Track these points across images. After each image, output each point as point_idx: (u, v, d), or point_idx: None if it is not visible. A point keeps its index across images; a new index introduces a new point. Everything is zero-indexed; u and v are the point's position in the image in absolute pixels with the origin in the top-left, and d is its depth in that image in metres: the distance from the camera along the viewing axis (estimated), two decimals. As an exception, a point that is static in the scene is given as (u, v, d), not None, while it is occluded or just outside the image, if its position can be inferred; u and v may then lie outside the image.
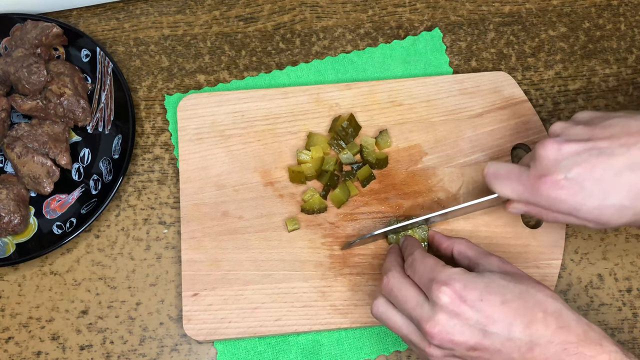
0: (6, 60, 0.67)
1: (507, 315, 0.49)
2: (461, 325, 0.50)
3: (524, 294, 0.51)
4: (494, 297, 0.50)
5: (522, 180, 0.54)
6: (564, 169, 0.51)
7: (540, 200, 0.53)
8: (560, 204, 0.52)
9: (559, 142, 0.52)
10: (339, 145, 0.66)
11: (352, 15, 0.75)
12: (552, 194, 0.52)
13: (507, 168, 0.56)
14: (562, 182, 0.51)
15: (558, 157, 0.51)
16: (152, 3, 0.75)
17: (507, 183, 0.55)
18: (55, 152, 0.66)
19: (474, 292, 0.50)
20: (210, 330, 0.62)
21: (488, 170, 0.57)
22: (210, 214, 0.65)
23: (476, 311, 0.50)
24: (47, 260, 0.66)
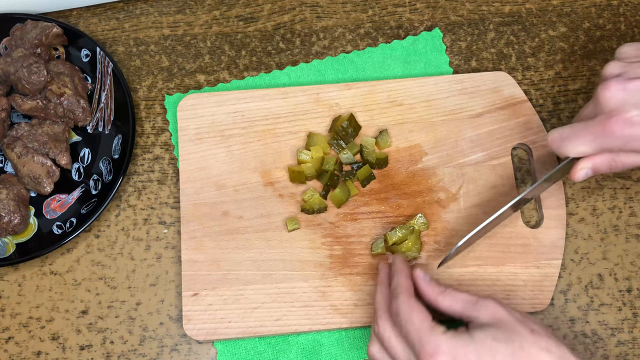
0: (6, 60, 0.67)
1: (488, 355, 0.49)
2: None
3: (517, 351, 0.49)
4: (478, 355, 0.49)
5: (590, 129, 0.54)
6: (634, 106, 0.51)
7: (613, 142, 0.53)
8: (634, 141, 0.52)
9: (622, 81, 0.52)
10: (339, 145, 0.66)
11: (352, 15, 0.75)
12: (625, 132, 0.52)
13: (570, 127, 0.55)
14: (634, 119, 0.51)
15: (625, 96, 0.52)
16: (152, 3, 0.75)
17: (577, 139, 0.54)
18: (55, 152, 0.66)
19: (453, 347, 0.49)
20: (210, 330, 0.62)
21: (552, 137, 0.56)
22: (210, 214, 0.65)
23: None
24: (47, 260, 0.66)
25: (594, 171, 0.56)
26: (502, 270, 0.64)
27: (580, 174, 0.56)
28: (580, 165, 0.56)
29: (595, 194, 0.68)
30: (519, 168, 0.69)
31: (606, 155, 0.54)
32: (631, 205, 0.68)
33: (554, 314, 0.65)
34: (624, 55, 0.55)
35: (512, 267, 0.64)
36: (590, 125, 0.54)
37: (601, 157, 0.55)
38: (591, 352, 0.64)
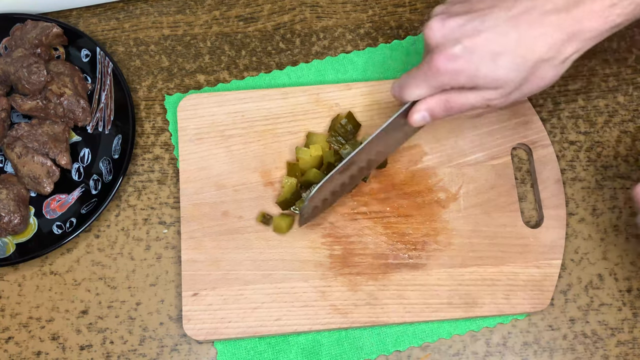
0: (6, 60, 0.67)
1: None
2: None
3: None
4: None
5: (421, 71, 0.55)
6: (455, 41, 0.53)
7: (442, 79, 0.54)
8: (459, 75, 0.53)
9: (443, 19, 0.54)
10: (337, 141, 0.66)
11: (352, 15, 0.75)
12: (449, 67, 0.53)
13: (407, 73, 0.58)
14: (455, 52, 0.53)
15: (445, 33, 0.53)
16: (152, 3, 0.75)
17: (412, 83, 0.56)
18: (55, 152, 0.66)
19: None
20: (210, 330, 0.62)
21: (393, 87, 0.59)
22: (210, 214, 0.65)
23: None
24: (47, 260, 0.66)
25: (431, 114, 0.57)
26: (502, 270, 0.64)
27: (417, 117, 0.58)
28: (415, 107, 0.57)
29: (595, 194, 0.68)
30: (519, 168, 0.69)
31: (439, 96, 0.56)
32: (631, 205, 0.68)
33: (554, 314, 0.65)
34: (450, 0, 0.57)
35: (512, 267, 0.64)
36: (421, 66, 0.56)
37: (434, 98, 0.56)
38: (591, 352, 0.64)
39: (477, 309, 0.63)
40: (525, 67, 0.53)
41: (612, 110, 0.71)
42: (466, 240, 0.65)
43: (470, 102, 0.55)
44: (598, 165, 0.69)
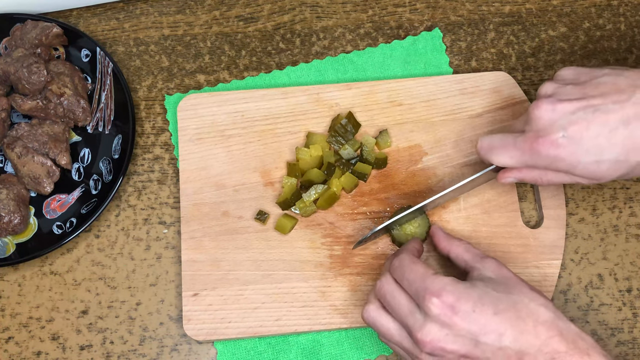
0: (6, 60, 0.67)
1: (498, 326, 0.50)
2: (453, 335, 0.50)
3: (517, 304, 0.51)
4: (486, 309, 0.50)
5: (518, 145, 0.55)
6: (561, 128, 0.52)
7: (539, 161, 0.54)
8: (559, 162, 0.53)
9: (553, 102, 0.53)
10: (337, 141, 0.66)
11: (352, 15, 0.75)
12: (550, 153, 0.53)
13: (500, 137, 0.57)
14: (559, 141, 0.52)
15: (553, 117, 0.52)
16: (152, 3, 0.75)
17: (504, 151, 0.56)
18: (55, 152, 0.66)
19: (467, 304, 0.50)
20: (210, 330, 0.62)
21: (482, 144, 0.58)
22: (210, 214, 0.65)
23: (468, 322, 0.50)
24: (47, 260, 0.66)
25: (519, 180, 0.58)
26: (502, 270, 0.64)
27: (507, 180, 0.58)
28: (508, 174, 0.57)
29: (595, 194, 0.68)
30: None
31: (534, 171, 0.56)
32: (631, 205, 0.68)
33: (554, 314, 0.65)
34: (561, 77, 0.56)
35: (512, 267, 0.64)
36: (519, 141, 0.55)
37: (529, 171, 0.56)
38: (591, 352, 0.64)
39: (477, 309, 0.63)
40: (627, 166, 0.52)
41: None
42: (466, 240, 0.65)
43: (563, 182, 0.55)
44: (598, 165, 0.69)
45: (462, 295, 0.51)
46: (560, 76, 0.56)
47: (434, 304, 0.50)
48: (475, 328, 0.50)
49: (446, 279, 0.52)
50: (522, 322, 0.50)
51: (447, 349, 0.50)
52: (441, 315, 0.50)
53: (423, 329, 0.51)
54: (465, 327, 0.50)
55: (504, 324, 0.50)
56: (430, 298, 0.51)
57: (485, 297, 0.51)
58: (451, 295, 0.50)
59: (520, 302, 0.51)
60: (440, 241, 0.60)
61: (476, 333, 0.50)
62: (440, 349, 0.50)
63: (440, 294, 0.51)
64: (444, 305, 0.50)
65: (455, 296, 0.50)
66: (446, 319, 0.50)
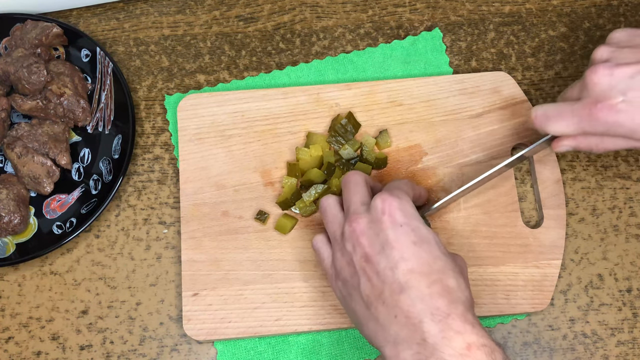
0: (6, 60, 0.67)
1: (407, 251, 0.50)
2: (373, 231, 0.51)
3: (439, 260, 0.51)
4: (412, 234, 0.51)
5: (576, 112, 0.54)
6: (620, 93, 0.51)
7: (597, 127, 0.53)
8: (618, 127, 0.52)
9: (610, 66, 0.52)
10: (337, 142, 0.66)
11: (352, 15, 0.75)
12: (609, 119, 0.52)
13: (555, 106, 0.56)
14: (619, 106, 0.52)
15: (612, 82, 0.52)
16: (152, 3, 0.75)
17: (561, 119, 0.55)
18: (55, 152, 0.66)
19: (403, 218, 0.51)
20: (210, 330, 0.62)
21: (536, 113, 0.57)
22: (210, 214, 0.65)
23: (390, 229, 0.51)
24: (47, 260, 0.66)
25: (575, 148, 0.57)
26: (502, 270, 0.64)
27: (562, 149, 0.58)
28: (563, 142, 0.57)
29: (595, 194, 0.68)
30: (519, 168, 0.69)
31: (590, 138, 0.55)
32: (631, 205, 0.68)
33: (554, 314, 0.65)
34: (615, 40, 0.55)
35: (512, 267, 0.64)
36: (576, 108, 0.54)
37: (585, 139, 0.56)
38: (591, 352, 0.64)
39: (477, 309, 0.62)
40: None
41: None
42: (466, 241, 0.65)
43: (619, 147, 0.55)
44: (598, 165, 0.69)
45: (406, 210, 0.52)
46: (615, 39, 0.55)
47: (381, 196, 0.52)
48: (391, 237, 0.50)
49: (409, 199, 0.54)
50: (427, 268, 0.49)
51: (360, 239, 0.52)
52: (377, 208, 0.52)
53: (359, 214, 0.53)
54: (385, 231, 0.51)
55: (413, 254, 0.50)
56: (383, 193, 0.53)
57: (421, 231, 0.52)
58: (397, 202, 0.52)
59: (443, 261, 0.51)
60: None
61: (388, 241, 0.50)
62: (356, 235, 0.52)
63: (392, 195, 0.52)
64: (386, 202, 0.52)
65: (400, 205, 0.52)
66: (379, 213, 0.51)
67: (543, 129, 0.57)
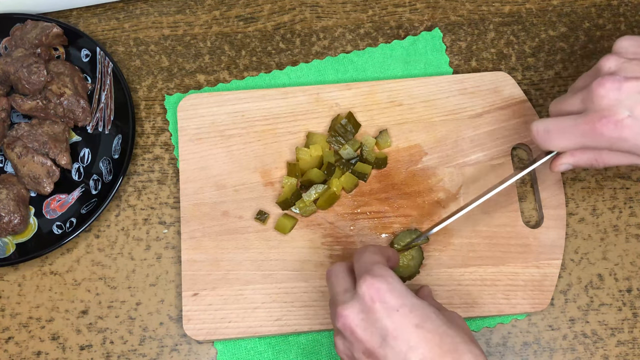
0: (6, 60, 0.67)
1: (412, 338, 0.47)
2: (367, 322, 0.48)
3: (446, 335, 0.47)
4: (411, 317, 0.47)
5: (578, 127, 0.52)
6: (627, 108, 0.49)
7: (600, 142, 0.51)
8: (622, 143, 0.51)
9: (619, 80, 0.50)
10: (337, 141, 0.66)
11: (352, 15, 0.75)
12: (614, 134, 0.50)
13: (557, 121, 0.54)
14: (625, 121, 0.49)
15: (619, 97, 0.50)
16: (152, 3, 0.75)
17: (562, 135, 0.53)
18: (55, 152, 0.66)
19: (396, 300, 0.48)
20: (210, 330, 0.62)
21: (537, 129, 0.54)
22: (210, 214, 0.65)
23: (386, 317, 0.47)
24: (47, 260, 0.66)
25: (575, 165, 0.56)
26: (502, 270, 0.64)
27: (561, 168, 0.56)
28: (562, 160, 0.55)
29: (595, 194, 0.68)
30: (519, 168, 0.69)
31: (589, 153, 0.54)
32: (631, 205, 0.68)
33: (554, 314, 0.65)
34: (622, 49, 0.53)
35: (512, 267, 0.64)
36: (580, 122, 0.52)
37: (584, 154, 0.54)
38: (591, 352, 0.64)
39: (477, 309, 0.63)
40: None
41: None
42: (466, 240, 0.65)
43: (620, 163, 0.53)
44: (598, 165, 0.69)
45: (396, 291, 0.48)
46: (622, 48, 0.53)
47: (366, 282, 0.48)
48: (390, 326, 0.47)
49: (393, 273, 0.49)
50: (439, 351, 0.46)
51: (356, 334, 0.48)
52: (365, 296, 0.48)
53: (346, 305, 0.49)
54: (381, 320, 0.47)
55: (420, 340, 0.46)
56: (365, 277, 0.48)
57: (418, 309, 0.48)
58: (385, 284, 0.48)
59: (450, 336, 0.47)
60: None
61: (388, 332, 0.47)
62: (350, 330, 0.48)
63: (375, 277, 0.48)
64: (373, 288, 0.48)
65: (389, 287, 0.48)
66: (368, 301, 0.48)
67: (544, 145, 0.55)
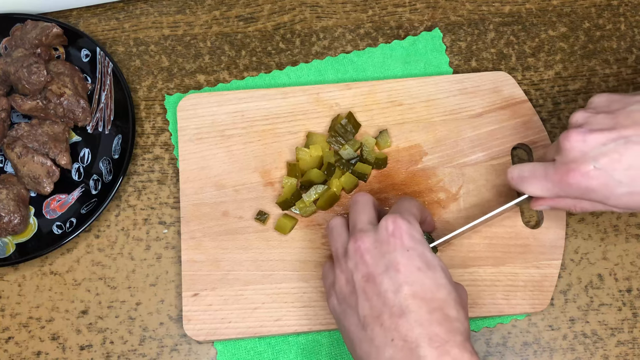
0: (6, 60, 0.67)
1: (409, 276, 0.50)
2: (378, 251, 0.51)
3: (445, 286, 0.50)
4: (417, 260, 0.51)
5: (549, 176, 0.54)
6: (592, 160, 0.51)
7: (571, 192, 0.53)
8: (591, 193, 0.52)
9: (584, 132, 0.52)
10: (337, 142, 0.66)
11: (352, 15, 0.75)
12: (582, 185, 0.52)
13: (530, 168, 0.56)
14: (591, 173, 0.51)
15: (584, 149, 0.51)
16: (152, 3, 0.75)
17: (535, 182, 0.55)
18: (55, 152, 0.66)
19: (411, 242, 0.51)
20: (210, 330, 0.62)
21: (512, 175, 0.57)
22: (210, 214, 0.65)
23: (397, 252, 0.50)
24: (47, 260, 0.66)
25: (553, 208, 0.58)
26: (502, 270, 0.64)
27: (540, 208, 0.59)
28: (540, 202, 0.58)
29: (595, 194, 0.68)
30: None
31: (567, 200, 0.56)
32: (631, 205, 0.68)
33: (554, 314, 0.65)
34: (593, 104, 0.55)
35: (512, 267, 0.64)
36: (550, 172, 0.54)
37: (562, 200, 0.56)
38: (591, 352, 0.64)
39: (476, 309, 0.63)
40: None
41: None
42: (466, 241, 0.65)
43: (597, 209, 0.55)
44: (598, 165, 0.69)
45: (415, 236, 0.52)
46: (593, 104, 0.55)
47: (391, 217, 0.52)
48: (396, 259, 0.50)
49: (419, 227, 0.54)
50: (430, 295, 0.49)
51: (364, 257, 0.51)
52: (386, 229, 0.51)
53: (365, 233, 0.52)
54: (391, 253, 0.50)
55: (418, 280, 0.50)
56: (392, 215, 0.52)
57: (427, 257, 0.51)
58: (407, 226, 0.52)
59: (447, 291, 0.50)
60: None
61: (392, 264, 0.50)
62: (360, 253, 0.52)
63: (402, 217, 0.52)
64: (395, 224, 0.52)
65: (409, 229, 0.52)
66: (385, 234, 0.51)
67: (519, 188, 0.57)
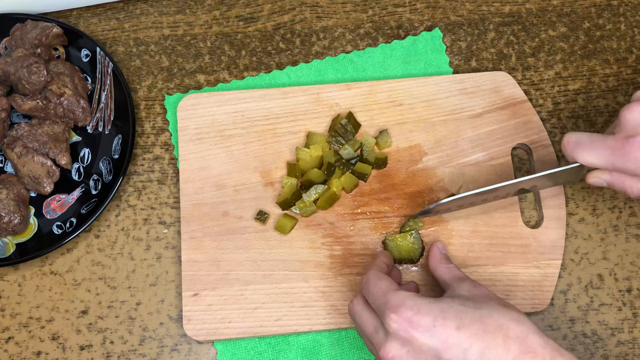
0: (6, 60, 0.67)
1: (462, 340, 0.48)
2: (414, 351, 0.49)
3: (485, 318, 0.49)
4: (449, 322, 0.48)
5: (607, 144, 0.53)
6: None
7: (628, 164, 0.52)
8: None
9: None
10: (337, 142, 0.66)
11: (352, 15, 0.75)
12: None
13: (589, 135, 0.55)
14: None
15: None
16: (152, 3, 0.75)
17: (591, 150, 0.54)
18: (55, 152, 0.66)
19: (427, 317, 0.49)
20: (210, 330, 0.62)
21: (569, 139, 0.55)
22: (210, 214, 0.65)
23: (429, 337, 0.48)
24: (47, 260, 0.66)
25: (607, 185, 0.56)
26: (502, 270, 0.64)
27: (596, 182, 0.56)
28: (597, 174, 0.56)
29: (595, 194, 0.68)
30: (519, 168, 0.69)
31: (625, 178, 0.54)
32: (631, 205, 0.68)
33: (554, 314, 0.65)
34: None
35: (512, 267, 0.64)
36: (609, 140, 0.53)
37: (620, 177, 0.54)
38: (591, 352, 0.64)
39: (477, 309, 0.63)
40: None
41: (612, 110, 0.71)
42: (466, 241, 0.65)
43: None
44: (598, 165, 0.69)
45: (421, 309, 0.49)
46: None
47: (392, 319, 0.49)
48: (436, 343, 0.48)
49: (406, 294, 0.50)
50: (489, 337, 0.48)
51: None
52: (400, 331, 0.49)
53: (385, 346, 0.50)
54: (426, 343, 0.48)
55: (468, 338, 0.48)
56: (389, 314, 0.50)
57: (449, 311, 0.49)
58: (409, 310, 0.49)
59: (488, 316, 0.49)
60: (431, 259, 0.60)
61: (438, 349, 0.48)
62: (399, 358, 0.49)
63: (398, 308, 0.49)
64: (402, 319, 0.49)
65: (413, 310, 0.49)
66: (405, 334, 0.49)
67: (572, 156, 0.55)
